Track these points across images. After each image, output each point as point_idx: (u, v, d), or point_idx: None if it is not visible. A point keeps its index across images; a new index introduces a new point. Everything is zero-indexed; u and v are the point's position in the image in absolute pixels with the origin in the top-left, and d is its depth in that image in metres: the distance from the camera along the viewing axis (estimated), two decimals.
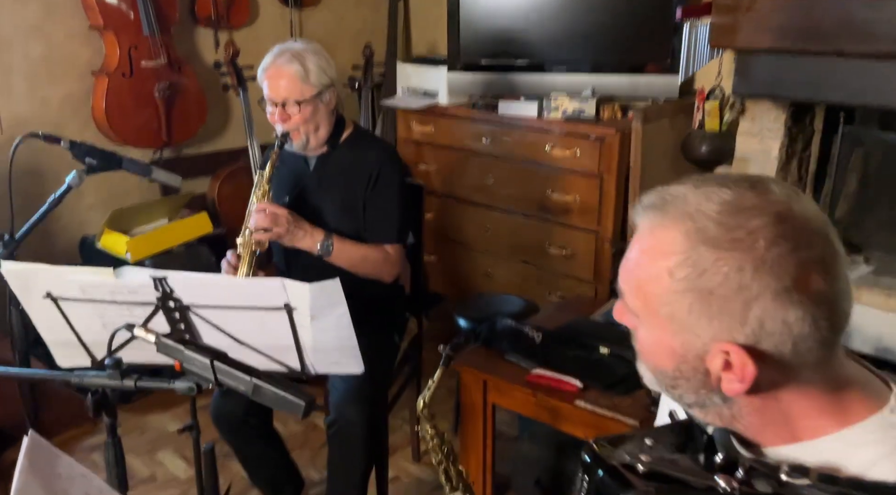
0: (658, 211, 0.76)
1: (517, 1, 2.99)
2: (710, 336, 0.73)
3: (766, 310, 0.71)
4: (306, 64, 1.87)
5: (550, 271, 2.95)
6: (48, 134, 1.65)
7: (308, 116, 1.89)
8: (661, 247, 0.75)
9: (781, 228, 0.71)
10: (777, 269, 0.70)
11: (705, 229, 0.72)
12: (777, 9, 2.24)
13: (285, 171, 2.03)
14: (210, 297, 1.29)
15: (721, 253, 0.71)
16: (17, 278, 1.31)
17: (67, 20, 2.99)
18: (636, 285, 0.78)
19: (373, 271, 1.95)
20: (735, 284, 0.71)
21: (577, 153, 2.74)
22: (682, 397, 0.80)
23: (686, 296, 0.73)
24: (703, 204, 0.74)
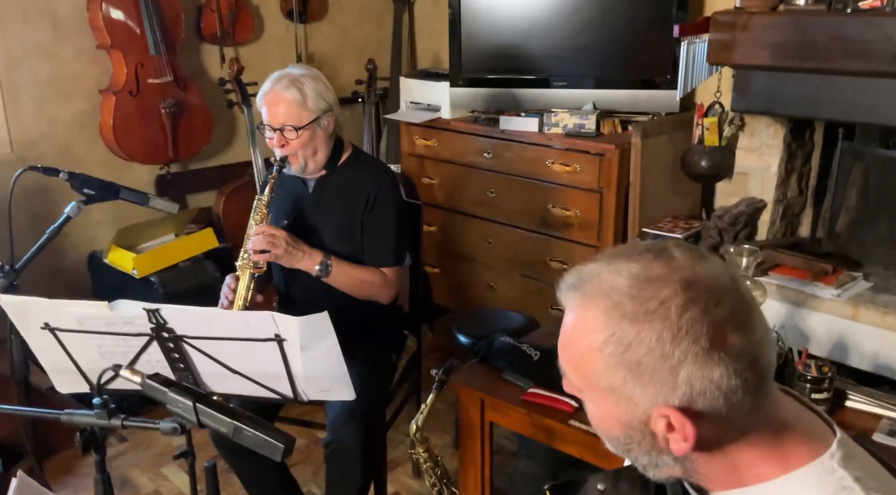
0: (577, 291, 0.81)
1: (518, 17, 3.01)
2: (648, 403, 0.77)
3: (691, 373, 0.75)
4: (304, 90, 1.90)
5: (551, 285, 2.94)
6: (47, 166, 1.69)
7: (306, 141, 1.92)
8: (586, 327, 0.79)
9: (689, 294, 0.76)
10: (693, 333, 0.74)
11: (621, 305, 0.77)
12: (773, 27, 2.26)
13: (284, 194, 2.06)
14: (202, 329, 1.32)
15: (640, 325, 0.76)
16: (16, 310, 1.34)
17: (75, 40, 3.04)
18: (573, 364, 0.82)
19: (370, 293, 1.98)
20: (658, 353, 0.75)
21: (578, 168, 2.76)
22: (637, 459, 0.84)
23: (618, 369, 0.77)
24: (615, 280, 0.78)
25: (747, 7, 2.33)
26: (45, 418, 1.11)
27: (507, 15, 3.03)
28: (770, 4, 2.31)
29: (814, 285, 2.29)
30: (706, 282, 0.77)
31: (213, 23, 3.33)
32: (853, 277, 2.33)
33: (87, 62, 3.10)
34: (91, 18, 3.01)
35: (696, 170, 2.65)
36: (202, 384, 1.42)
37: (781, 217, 2.66)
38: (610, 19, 2.88)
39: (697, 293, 0.76)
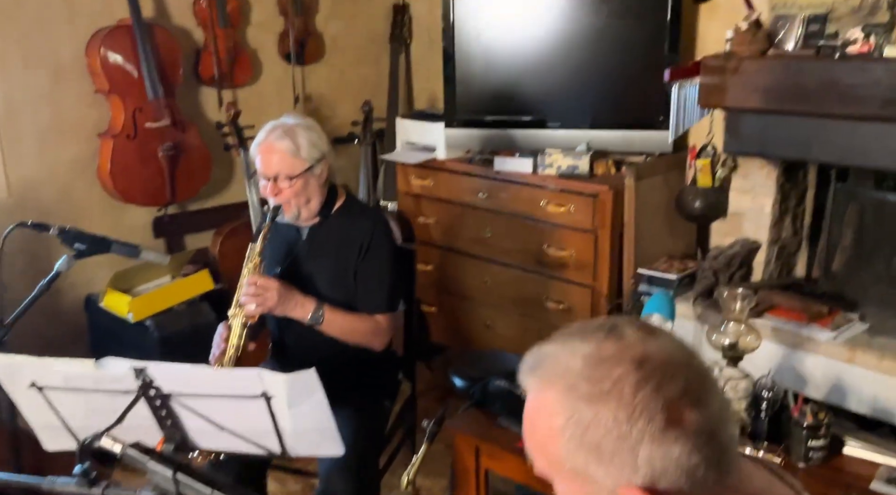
0: (535, 374, 0.82)
1: (512, 59, 3.05)
2: (612, 484, 0.77)
3: (651, 452, 0.75)
4: (297, 140, 1.92)
5: (548, 325, 2.95)
6: (37, 222, 1.70)
7: (299, 190, 1.93)
8: (545, 410, 0.80)
9: (642, 372, 0.76)
10: (648, 412, 0.75)
11: (577, 386, 0.77)
12: (763, 71, 2.28)
13: (279, 241, 2.07)
14: (190, 386, 1.31)
15: (596, 406, 0.76)
16: (2, 369, 1.34)
17: (74, 86, 3.08)
18: (537, 448, 0.83)
19: (363, 340, 1.97)
20: (616, 434, 0.75)
21: (572, 209, 2.77)
22: None
23: (579, 452, 0.77)
24: (570, 361, 0.79)
25: (737, 52, 2.35)
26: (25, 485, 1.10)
27: (501, 57, 3.07)
28: (760, 49, 2.33)
29: (809, 327, 2.28)
30: (658, 358, 0.78)
31: (211, 66, 3.37)
32: (849, 319, 2.32)
33: (85, 107, 3.13)
34: (90, 64, 3.06)
35: (690, 210, 2.65)
36: (190, 441, 1.41)
37: (776, 257, 2.66)
38: (602, 61, 2.92)
39: (649, 371, 0.76)
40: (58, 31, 3.01)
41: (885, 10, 2.15)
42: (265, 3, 3.58)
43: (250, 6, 3.54)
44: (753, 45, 2.33)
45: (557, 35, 2.95)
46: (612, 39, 2.88)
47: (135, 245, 1.81)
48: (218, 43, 3.36)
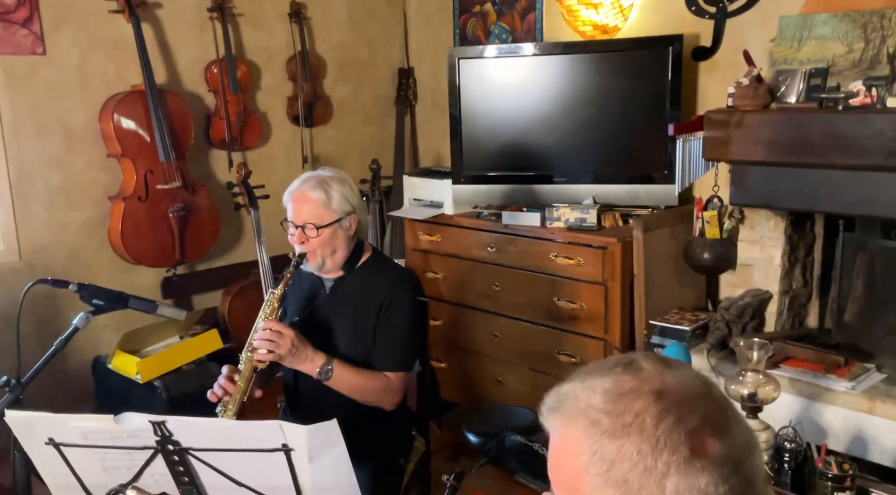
0: (556, 413, 0.82)
1: (516, 118, 3.12)
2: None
3: (677, 483, 0.74)
4: (330, 191, 1.95)
5: (560, 379, 2.90)
6: (57, 279, 1.71)
7: (326, 240, 1.94)
8: (569, 448, 0.79)
9: (662, 404, 0.76)
10: (671, 444, 0.74)
11: (599, 422, 0.77)
12: (766, 125, 2.32)
13: (300, 291, 2.06)
14: (208, 440, 1.29)
15: (619, 440, 0.76)
16: (20, 426, 1.33)
17: (86, 150, 3.14)
18: (564, 488, 0.81)
19: (373, 399, 1.95)
20: (641, 468, 0.74)
21: (581, 261, 2.78)
22: None
23: (606, 488, 0.76)
24: (590, 398, 0.79)
25: (740, 106, 2.41)
26: None
27: (506, 115, 3.13)
28: (762, 103, 2.38)
29: (827, 378, 2.26)
30: (677, 390, 0.78)
31: (221, 130, 3.44)
32: (866, 369, 2.30)
33: (97, 171, 3.18)
34: (103, 129, 3.12)
35: (699, 262, 2.66)
36: None
37: (788, 308, 2.65)
38: (606, 118, 2.98)
39: (670, 403, 0.76)
40: (71, 97, 3.08)
41: (885, 63, 2.20)
42: (274, 70, 3.69)
43: (260, 72, 3.64)
44: (756, 100, 2.38)
45: (561, 93, 3.02)
46: (615, 97, 2.94)
47: (152, 300, 1.82)
48: (228, 107, 3.44)
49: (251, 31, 3.58)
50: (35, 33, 2.94)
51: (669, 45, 2.79)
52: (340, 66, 3.94)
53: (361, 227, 2.07)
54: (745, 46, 2.59)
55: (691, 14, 2.92)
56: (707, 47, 2.91)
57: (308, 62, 3.72)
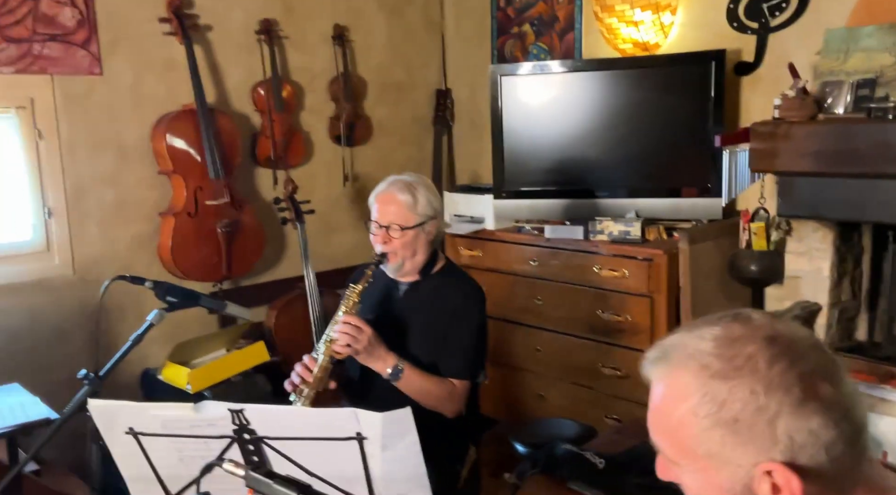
0: (662, 362, 0.83)
1: (558, 132, 3.16)
2: (750, 461, 0.76)
3: (789, 424, 0.75)
4: (417, 195, 2.01)
5: (605, 393, 2.92)
6: (134, 276, 1.77)
7: (408, 242, 1.99)
8: (676, 394, 0.80)
9: (775, 349, 0.77)
10: (784, 384, 0.75)
11: (709, 365, 0.78)
12: (813, 136, 2.34)
13: (375, 291, 2.10)
14: (284, 429, 1.32)
15: (731, 381, 0.77)
16: (102, 415, 1.36)
17: (138, 168, 3.23)
18: (668, 435, 0.82)
19: (436, 404, 1.97)
20: (754, 407, 0.75)
21: (626, 274, 2.79)
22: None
23: (715, 430, 0.77)
24: (699, 345, 0.80)
25: (786, 117, 2.42)
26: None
27: (547, 131, 3.18)
28: (809, 114, 2.40)
29: (882, 388, 2.24)
30: (788, 337, 0.79)
31: (267, 148, 3.53)
32: None
33: (148, 187, 3.27)
34: (155, 147, 3.21)
35: (745, 274, 2.66)
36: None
37: (837, 320, 2.63)
38: (647, 133, 3.01)
39: (782, 348, 0.77)
40: (124, 116, 3.18)
41: None
42: (318, 90, 3.78)
43: (304, 93, 3.73)
44: (803, 111, 2.40)
45: (602, 109, 3.07)
46: (657, 112, 2.98)
47: (221, 299, 1.87)
48: (274, 127, 3.52)
49: (296, 53, 3.68)
50: (93, 54, 3.05)
51: (712, 60, 2.83)
52: (380, 87, 4.02)
53: (439, 235, 2.11)
54: (788, 61, 2.61)
55: (733, 30, 2.96)
56: (749, 62, 2.93)
57: (350, 83, 3.81)
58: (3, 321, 2.90)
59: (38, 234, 3.01)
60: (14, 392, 2.27)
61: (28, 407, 2.12)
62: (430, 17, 4.19)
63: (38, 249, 3.02)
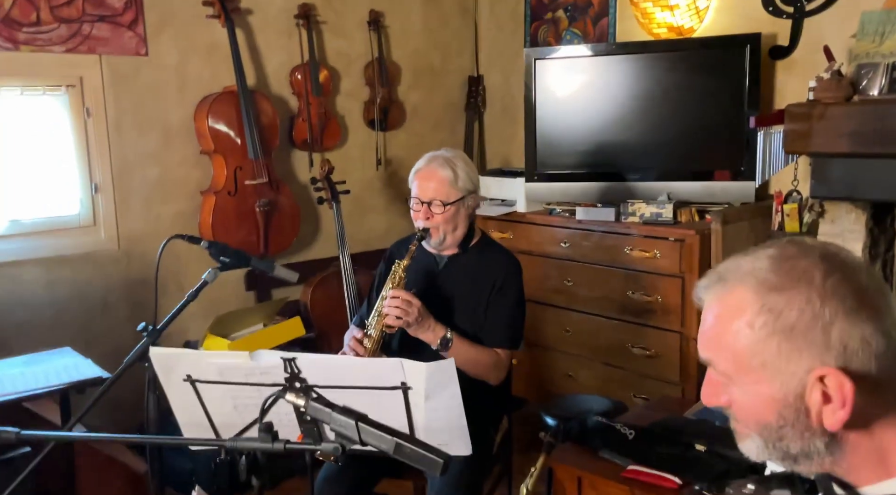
0: (718, 282, 0.87)
1: (590, 116, 3.19)
2: (804, 368, 0.80)
3: (843, 330, 0.79)
4: (457, 170, 2.06)
5: (634, 372, 2.96)
6: (191, 236, 1.86)
7: (449, 217, 2.05)
8: (733, 308, 0.84)
9: (829, 264, 0.82)
10: (839, 294, 0.80)
11: (766, 280, 0.83)
12: (849, 116, 2.35)
13: (417, 266, 2.16)
14: (333, 378, 1.39)
15: (788, 292, 0.81)
16: (162, 362, 1.44)
17: (181, 147, 3.33)
18: (722, 349, 0.86)
19: (482, 373, 2.03)
20: (810, 315, 0.80)
21: (657, 254, 2.82)
22: (788, 450, 0.85)
23: (771, 340, 0.81)
24: (755, 263, 0.85)
25: (821, 99, 2.44)
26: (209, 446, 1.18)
27: (580, 114, 3.21)
28: (844, 95, 2.41)
29: None
30: (842, 257, 0.84)
31: (304, 131, 3.61)
32: None
33: (190, 166, 3.37)
34: (198, 127, 3.31)
35: None
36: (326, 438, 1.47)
37: None
38: (680, 116, 3.03)
39: (835, 264, 0.82)
40: (169, 97, 3.28)
41: None
42: (353, 75, 3.85)
43: (340, 77, 3.81)
44: (838, 92, 2.41)
45: (636, 92, 3.09)
46: (691, 95, 3.00)
47: (270, 261, 1.95)
48: (311, 110, 3.60)
49: (333, 38, 3.75)
50: (139, 35, 3.15)
51: (747, 44, 2.84)
52: (414, 73, 4.08)
53: (477, 208, 2.16)
54: (823, 45, 2.63)
55: (768, 14, 2.97)
56: (784, 46, 2.95)
57: (384, 68, 3.87)
58: (53, 291, 3.02)
59: (86, 209, 3.12)
60: (66, 354, 2.38)
61: (81, 368, 2.22)
62: (465, 4, 4.24)
63: (86, 224, 3.13)
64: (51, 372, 2.17)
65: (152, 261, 3.27)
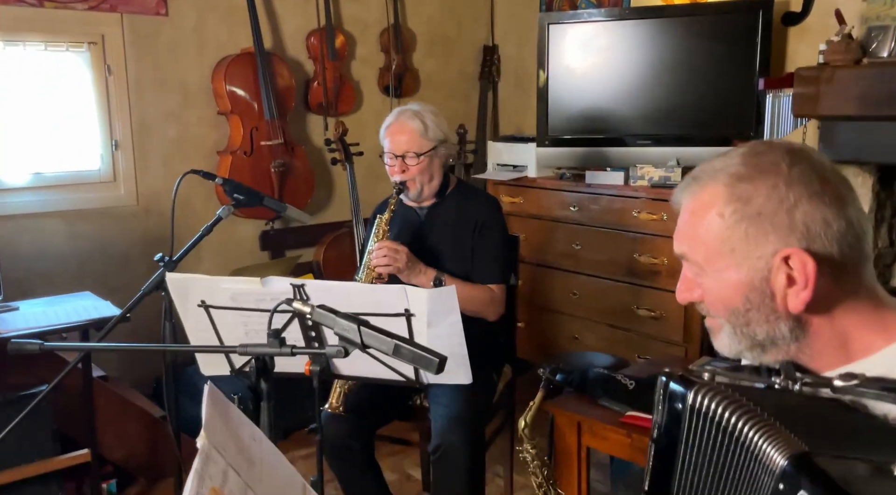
0: (693, 183, 0.93)
1: (602, 81, 3.22)
2: (770, 251, 0.86)
3: (806, 212, 0.84)
4: (425, 121, 2.11)
5: (639, 333, 3.01)
6: (206, 171, 1.92)
7: (424, 167, 2.10)
8: (706, 202, 0.90)
9: (795, 156, 0.87)
10: (804, 179, 0.85)
11: (736, 173, 0.88)
12: (858, 79, 2.36)
13: (400, 221, 2.23)
14: (339, 303, 1.44)
15: (756, 181, 0.86)
16: (178, 288, 1.51)
17: (200, 108, 3.39)
18: (694, 239, 0.91)
19: (479, 309, 2.09)
20: (776, 199, 0.85)
21: (665, 216, 2.86)
22: (755, 336, 0.90)
23: (740, 225, 0.87)
24: (726, 161, 0.90)
25: (831, 61, 2.45)
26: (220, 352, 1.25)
27: (592, 79, 3.24)
28: (854, 58, 2.42)
29: None
30: (807, 151, 0.89)
31: (319, 95, 3.66)
32: None
33: (207, 127, 3.43)
34: (215, 88, 3.37)
35: None
36: (333, 365, 1.54)
37: (874, 267, 2.67)
38: (691, 81, 3.05)
39: (800, 156, 0.87)
40: (188, 57, 3.34)
41: None
42: (369, 41, 3.89)
43: (355, 42, 3.85)
44: (847, 55, 2.43)
45: (647, 57, 3.11)
46: (702, 61, 3.02)
47: (282, 201, 2.01)
48: (326, 74, 3.66)
49: (349, 4, 3.79)
50: None
51: (759, 9, 2.85)
52: (429, 41, 4.12)
53: (451, 157, 2.22)
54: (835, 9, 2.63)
55: None
56: (797, 13, 2.95)
57: (400, 35, 3.91)
58: (74, 244, 3.11)
59: (106, 165, 3.20)
60: (87, 297, 2.46)
61: (100, 308, 2.30)
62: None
63: (106, 179, 3.21)
64: (71, 311, 2.26)
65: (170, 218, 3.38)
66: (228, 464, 0.87)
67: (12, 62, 2.94)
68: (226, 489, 0.84)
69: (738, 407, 0.82)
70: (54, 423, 2.39)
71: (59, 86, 3.06)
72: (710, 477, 0.86)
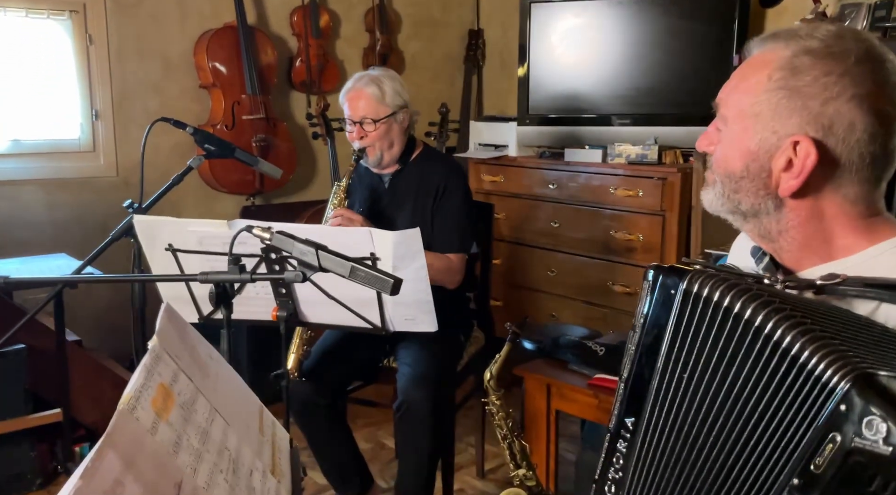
0: (772, 38, 0.90)
1: (582, 61, 3.25)
2: (787, 131, 0.85)
3: (838, 110, 0.82)
4: (383, 86, 2.12)
5: (614, 309, 3.04)
6: (176, 120, 1.92)
7: (383, 134, 2.11)
8: (767, 59, 0.88)
9: (871, 55, 0.84)
10: (859, 79, 0.83)
11: (808, 46, 0.86)
12: None
13: (362, 189, 2.24)
14: None
15: (816, 60, 0.84)
16: (146, 230, 1.53)
17: (181, 79, 3.39)
18: (736, 89, 0.91)
19: (436, 278, 2.08)
20: (820, 86, 0.83)
21: (640, 193, 2.89)
22: (739, 205, 0.91)
23: (777, 93, 0.85)
24: (812, 31, 0.87)
25: None
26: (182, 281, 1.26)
27: (572, 59, 3.27)
28: None
29: None
30: (889, 61, 0.85)
31: (302, 72, 3.67)
32: None
33: (189, 100, 3.43)
34: (197, 60, 3.37)
35: None
36: (300, 312, 1.55)
37: None
38: (670, 61, 3.08)
39: (875, 59, 0.84)
40: (170, 28, 3.34)
41: None
42: (353, 20, 3.90)
43: (340, 21, 3.86)
44: None
45: (626, 37, 3.15)
46: (680, 41, 3.05)
47: (255, 155, 2.02)
48: (310, 51, 3.66)
49: None
50: None
51: None
52: (415, 22, 4.13)
53: (412, 123, 2.22)
54: None
55: None
56: None
57: (385, 16, 3.92)
58: (52, 213, 3.10)
59: (86, 135, 3.20)
60: (61, 258, 2.46)
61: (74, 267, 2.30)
62: None
63: (86, 149, 3.21)
64: (45, 270, 2.26)
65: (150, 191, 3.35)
66: (180, 369, 0.88)
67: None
68: (175, 388, 0.85)
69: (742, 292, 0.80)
70: (26, 382, 2.39)
71: (39, 53, 3.05)
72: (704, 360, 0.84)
